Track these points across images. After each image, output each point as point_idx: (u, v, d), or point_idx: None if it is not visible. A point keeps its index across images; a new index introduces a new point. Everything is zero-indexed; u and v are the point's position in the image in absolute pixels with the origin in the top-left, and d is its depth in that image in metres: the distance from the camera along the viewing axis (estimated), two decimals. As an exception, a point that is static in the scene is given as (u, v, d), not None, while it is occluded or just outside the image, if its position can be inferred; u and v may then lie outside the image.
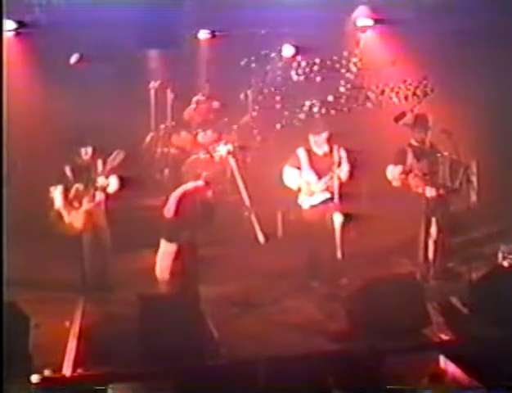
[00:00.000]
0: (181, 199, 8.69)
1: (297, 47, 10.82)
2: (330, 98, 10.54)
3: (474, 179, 9.06)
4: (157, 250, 8.75)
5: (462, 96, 10.44)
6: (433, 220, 9.29)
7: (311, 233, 9.25)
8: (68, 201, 9.03)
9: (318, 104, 10.54)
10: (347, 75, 10.65)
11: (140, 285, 8.61)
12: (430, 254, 9.34)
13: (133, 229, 9.70)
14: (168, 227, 8.74)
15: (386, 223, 10.03)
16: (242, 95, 11.24)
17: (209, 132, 11.45)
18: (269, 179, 9.88)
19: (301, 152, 9.35)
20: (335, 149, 9.24)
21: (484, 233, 10.40)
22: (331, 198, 9.14)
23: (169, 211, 8.69)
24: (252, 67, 10.76)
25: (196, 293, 8.26)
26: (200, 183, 8.83)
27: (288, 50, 10.87)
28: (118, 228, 9.34)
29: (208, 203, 8.86)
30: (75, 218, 9.01)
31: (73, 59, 10.49)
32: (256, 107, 11.11)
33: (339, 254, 9.06)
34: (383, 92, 10.56)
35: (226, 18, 10.48)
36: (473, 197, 9.05)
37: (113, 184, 9.09)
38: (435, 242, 9.32)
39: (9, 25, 9.91)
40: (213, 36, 10.87)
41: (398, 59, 10.63)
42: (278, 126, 10.59)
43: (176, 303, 7.96)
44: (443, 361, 7.12)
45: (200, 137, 11.49)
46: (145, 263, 8.96)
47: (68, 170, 9.08)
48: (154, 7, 10.07)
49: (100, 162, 9.11)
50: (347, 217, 9.11)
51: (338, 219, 9.10)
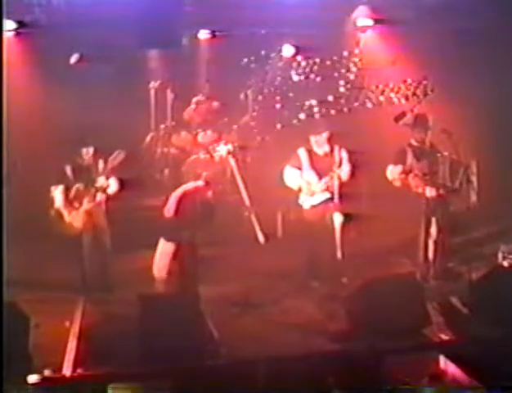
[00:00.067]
0: (181, 199, 8.69)
1: (297, 47, 10.81)
2: (330, 98, 10.55)
3: (474, 179, 9.06)
4: (157, 250, 8.77)
5: (462, 96, 10.44)
6: (433, 220, 9.29)
7: (311, 233, 9.25)
8: (68, 201, 9.03)
9: (318, 104, 10.54)
10: (347, 75, 10.65)
11: (140, 285, 8.61)
12: (430, 254, 9.34)
13: (133, 229, 9.69)
14: (168, 227, 8.75)
15: (386, 223, 10.02)
16: (242, 95, 11.23)
17: (209, 132, 11.44)
18: (269, 179, 9.88)
19: (302, 152, 9.35)
20: (336, 149, 9.26)
21: (484, 233, 10.40)
22: (332, 198, 9.14)
23: (169, 211, 8.69)
24: (252, 67, 10.76)
25: (196, 293, 8.27)
26: (200, 183, 8.84)
27: (288, 50, 10.86)
28: (118, 228, 9.35)
29: (208, 203, 8.86)
30: (75, 218, 9.02)
31: (73, 59, 10.48)
32: (256, 107, 11.11)
33: (339, 254, 9.06)
34: (383, 92, 10.56)
35: (226, 18, 10.48)
36: (473, 197, 9.05)
37: (113, 186, 9.10)
38: (435, 242, 9.32)
39: (9, 25, 9.91)
40: (213, 36, 10.85)
41: (398, 59, 10.63)
42: (278, 126, 10.59)
43: (176, 303, 7.96)
44: (443, 361, 7.11)
45: (200, 137, 11.48)
46: (145, 263, 8.95)
47: (68, 170, 9.09)
48: (154, 7, 10.08)
49: (101, 162, 9.13)
50: (347, 217, 9.12)
51: (338, 219, 9.11)
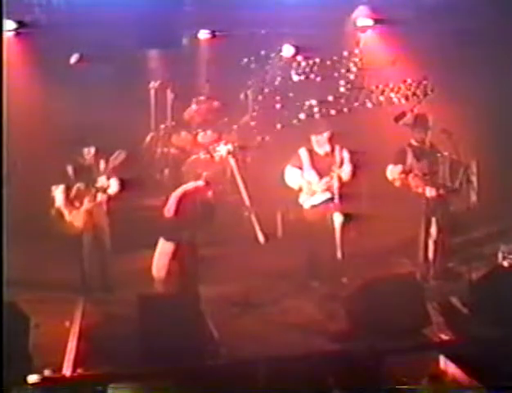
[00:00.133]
0: (181, 199, 8.69)
1: (297, 47, 10.80)
2: (330, 98, 10.54)
3: (474, 179, 9.06)
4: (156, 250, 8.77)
5: (462, 96, 10.44)
6: (433, 220, 9.28)
7: (311, 233, 9.25)
8: (69, 200, 9.03)
9: (318, 104, 10.53)
10: (347, 75, 10.64)
11: (140, 285, 8.61)
12: (430, 254, 9.34)
13: (133, 229, 9.69)
14: (168, 227, 8.75)
15: (386, 223, 10.02)
16: (242, 95, 11.23)
17: (209, 132, 11.43)
18: (269, 179, 9.87)
19: (303, 152, 9.34)
20: (337, 149, 9.26)
21: (484, 233, 10.39)
22: (332, 198, 9.14)
23: (169, 211, 8.69)
24: (252, 67, 10.75)
25: (196, 293, 8.27)
26: (200, 183, 8.84)
27: (288, 50, 10.85)
28: (118, 228, 9.35)
29: (208, 203, 8.86)
30: (76, 217, 9.02)
31: (73, 59, 10.48)
32: (256, 107, 11.10)
33: (339, 254, 9.06)
34: (383, 92, 10.55)
35: (226, 18, 10.48)
36: (473, 197, 9.05)
37: (113, 186, 9.11)
38: (435, 242, 9.32)
39: (9, 25, 9.90)
40: (213, 36, 10.85)
41: (398, 59, 10.62)
42: (278, 126, 10.58)
43: (176, 303, 7.96)
44: (443, 361, 7.10)
45: (200, 137, 11.48)
46: (145, 263, 8.94)
47: (70, 170, 9.09)
48: (154, 7, 10.08)
49: (102, 162, 9.13)
50: (347, 217, 9.11)
51: (338, 219, 9.10)
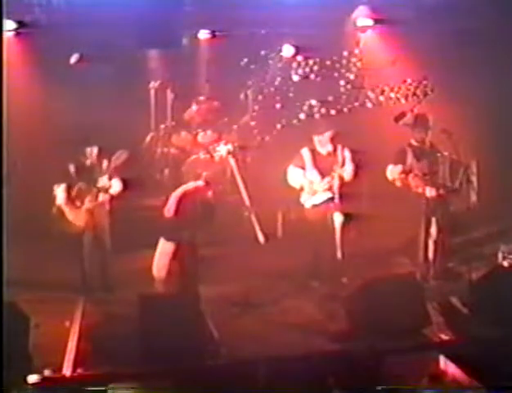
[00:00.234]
0: (181, 199, 8.69)
1: (297, 47, 10.80)
2: (330, 98, 10.54)
3: (474, 179, 9.06)
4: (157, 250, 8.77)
5: (462, 96, 10.44)
6: (433, 220, 9.28)
7: (311, 233, 9.25)
8: (70, 200, 9.03)
9: (318, 104, 10.53)
10: (347, 75, 10.64)
11: (140, 285, 8.60)
12: (430, 254, 9.34)
13: (133, 229, 9.68)
14: (168, 227, 8.74)
15: (386, 223, 10.02)
16: (242, 95, 11.23)
17: (209, 132, 11.43)
18: (269, 179, 9.88)
19: (305, 152, 9.34)
20: (339, 149, 9.27)
21: (484, 233, 10.40)
22: (334, 198, 9.14)
23: (169, 211, 8.68)
24: (252, 67, 10.75)
25: (196, 293, 8.27)
26: (200, 183, 8.83)
27: (288, 50, 10.85)
28: (118, 228, 9.34)
29: (208, 203, 8.86)
30: (76, 217, 9.01)
31: (73, 59, 10.48)
32: (256, 107, 11.10)
33: (339, 254, 9.06)
34: (383, 92, 10.55)
35: (226, 18, 10.48)
36: (473, 197, 9.05)
37: (115, 186, 9.10)
38: (435, 242, 9.32)
39: (9, 25, 9.91)
40: (213, 36, 10.85)
41: (398, 59, 10.62)
42: (278, 126, 10.58)
43: (176, 303, 7.96)
44: (443, 361, 7.11)
45: (200, 137, 11.48)
46: (145, 263, 8.94)
47: (71, 169, 9.09)
48: (154, 7, 10.08)
49: (105, 162, 9.13)
50: (347, 217, 9.11)
51: (338, 219, 9.10)
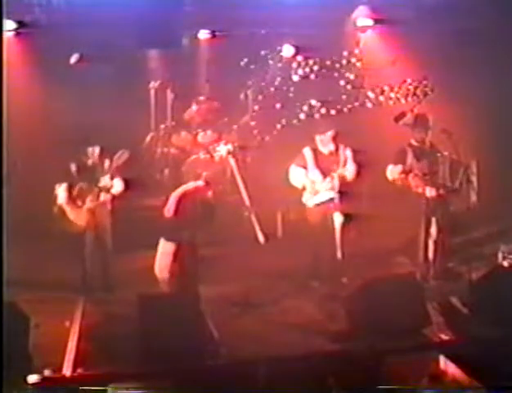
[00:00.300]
0: (181, 199, 8.69)
1: (297, 47, 10.79)
2: (330, 98, 10.54)
3: (474, 179, 9.07)
4: (157, 250, 8.75)
5: (462, 96, 10.43)
6: (433, 220, 9.28)
7: (311, 233, 9.25)
8: (71, 199, 9.03)
9: (318, 104, 10.53)
10: (347, 75, 10.64)
11: (140, 285, 8.60)
12: (430, 254, 9.34)
13: (133, 229, 9.68)
14: (168, 227, 8.74)
15: (386, 223, 10.01)
16: (242, 95, 11.23)
17: (209, 132, 11.43)
18: (269, 179, 9.88)
19: (307, 152, 9.35)
20: (341, 148, 9.27)
21: (484, 233, 10.39)
22: (335, 197, 9.13)
23: (169, 211, 8.68)
24: (252, 67, 10.75)
25: (196, 293, 8.26)
26: (200, 183, 8.83)
27: (288, 50, 10.84)
28: (118, 228, 9.34)
29: (208, 203, 8.86)
30: (77, 217, 9.01)
31: (73, 59, 10.48)
32: (256, 107, 11.10)
33: (339, 254, 9.05)
34: (383, 92, 10.55)
35: (226, 18, 10.48)
36: (473, 197, 9.05)
37: (117, 186, 9.10)
38: (435, 242, 9.32)
39: (9, 25, 9.90)
40: (213, 36, 10.85)
41: (398, 59, 10.62)
42: (278, 126, 10.58)
43: (176, 303, 7.96)
44: (443, 361, 7.11)
45: (200, 137, 11.48)
46: (145, 263, 8.94)
47: (72, 169, 9.09)
48: (154, 7, 10.08)
49: (107, 161, 9.13)
50: (347, 217, 9.11)
51: (338, 219, 9.10)
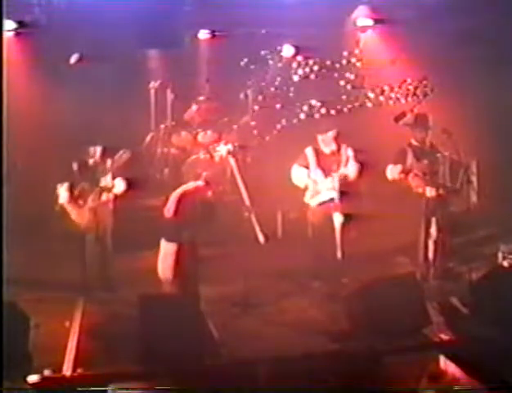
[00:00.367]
0: (181, 199, 8.68)
1: (297, 47, 10.80)
2: (330, 98, 10.54)
3: (474, 179, 9.08)
4: (157, 250, 8.74)
5: (462, 96, 10.44)
6: (433, 220, 9.28)
7: (311, 233, 9.26)
8: (73, 199, 9.02)
9: (318, 104, 10.53)
10: (347, 75, 10.65)
11: (140, 285, 8.60)
12: (430, 254, 9.33)
13: (133, 229, 9.70)
14: (168, 227, 8.74)
15: (386, 223, 10.00)
16: (242, 95, 11.22)
17: (209, 132, 11.43)
18: (269, 179, 9.89)
19: (309, 151, 9.35)
20: (343, 148, 9.27)
21: (484, 233, 10.38)
22: (336, 197, 9.13)
23: (169, 211, 8.68)
24: (252, 67, 10.76)
25: (196, 293, 8.27)
26: (200, 183, 8.83)
27: (288, 50, 10.85)
28: (118, 228, 9.34)
29: (208, 203, 8.85)
30: (79, 216, 9.01)
31: (73, 59, 10.48)
32: (256, 107, 11.10)
33: (340, 254, 9.06)
34: (383, 92, 10.56)
35: (226, 18, 10.49)
36: (473, 197, 9.06)
37: (118, 186, 9.10)
38: (435, 242, 9.31)
39: (9, 25, 9.92)
40: (213, 36, 10.86)
41: (398, 59, 10.63)
42: (278, 126, 10.58)
43: (176, 303, 7.96)
44: (443, 361, 7.11)
45: (200, 137, 11.48)
46: (145, 263, 8.95)
47: (74, 168, 9.09)
48: (154, 7, 10.08)
49: (108, 161, 9.14)
50: (347, 217, 9.11)
51: (338, 219, 9.10)
